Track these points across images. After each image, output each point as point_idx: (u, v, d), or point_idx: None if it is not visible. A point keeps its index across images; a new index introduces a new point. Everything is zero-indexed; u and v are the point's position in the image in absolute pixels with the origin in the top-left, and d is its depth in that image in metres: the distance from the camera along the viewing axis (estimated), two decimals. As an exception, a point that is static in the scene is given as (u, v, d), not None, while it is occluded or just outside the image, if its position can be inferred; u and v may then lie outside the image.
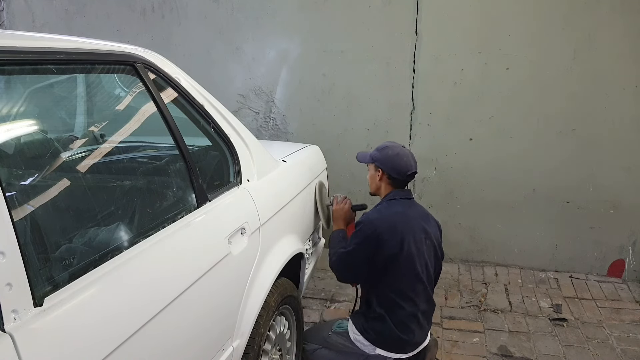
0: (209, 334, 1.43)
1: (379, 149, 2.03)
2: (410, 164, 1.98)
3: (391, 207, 1.96)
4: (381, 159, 2.00)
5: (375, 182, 2.04)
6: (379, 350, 1.94)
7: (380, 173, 2.00)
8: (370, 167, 2.07)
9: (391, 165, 1.98)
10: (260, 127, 3.68)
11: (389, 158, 1.98)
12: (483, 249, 3.48)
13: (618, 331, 2.67)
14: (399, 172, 1.97)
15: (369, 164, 2.09)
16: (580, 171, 3.18)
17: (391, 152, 1.98)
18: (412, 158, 2.01)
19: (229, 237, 1.53)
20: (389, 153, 1.98)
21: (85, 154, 1.57)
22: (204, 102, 1.67)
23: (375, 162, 2.02)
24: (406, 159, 1.98)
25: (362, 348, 1.96)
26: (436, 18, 3.18)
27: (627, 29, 2.93)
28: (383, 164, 1.99)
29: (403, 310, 1.91)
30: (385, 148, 2.01)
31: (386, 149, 2.00)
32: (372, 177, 2.06)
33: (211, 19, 3.58)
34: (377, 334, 1.93)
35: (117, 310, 1.06)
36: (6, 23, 3.96)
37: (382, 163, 1.99)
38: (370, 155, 2.05)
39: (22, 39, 1.14)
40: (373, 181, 2.06)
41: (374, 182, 2.05)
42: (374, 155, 2.03)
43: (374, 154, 2.03)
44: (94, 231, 1.26)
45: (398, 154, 1.98)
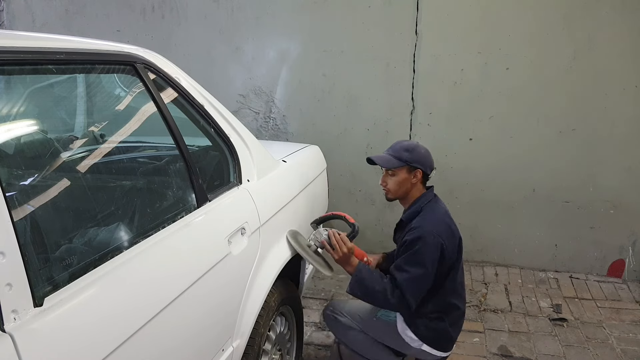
0: (209, 334, 1.43)
1: (407, 149, 1.84)
2: (431, 156, 1.90)
3: (435, 210, 1.83)
4: (419, 160, 1.82)
5: (407, 186, 1.86)
6: (425, 347, 1.86)
7: (417, 175, 1.84)
8: (398, 171, 1.85)
9: (430, 164, 1.85)
10: (260, 127, 3.68)
11: (424, 157, 1.84)
12: (483, 249, 3.48)
13: (618, 331, 2.67)
14: (430, 166, 1.87)
15: (394, 169, 1.86)
16: (580, 171, 3.18)
17: (423, 150, 1.85)
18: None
19: (229, 237, 1.53)
20: (422, 151, 1.84)
21: (85, 154, 1.57)
22: (204, 102, 1.67)
23: (411, 164, 1.83)
24: (429, 152, 1.90)
25: (409, 342, 1.87)
26: (436, 18, 3.18)
27: (627, 29, 2.93)
28: (422, 164, 1.83)
29: (458, 310, 1.88)
30: (416, 147, 1.85)
31: (417, 147, 1.85)
32: (402, 182, 1.85)
33: (211, 19, 3.58)
34: (430, 331, 1.84)
35: (117, 311, 1.06)
36: (6, 23, 3.96)
37: (422, 164, 1.83)
38: (400, 158, 1.84)
39: (22, 39, 1.14)
40: (403, 186, 1.86)
41: (404, 186, 1.86)
42: (407, 157, 1.82)
43: (406, 155, 1.82)
44: (94, 231, 1.26)
45: (428, 151, 1.87)
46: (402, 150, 1.84)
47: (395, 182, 1.86)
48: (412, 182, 1.84)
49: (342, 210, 2.09)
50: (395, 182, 1.86)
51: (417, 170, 1.83)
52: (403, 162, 1.83)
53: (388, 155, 1.88)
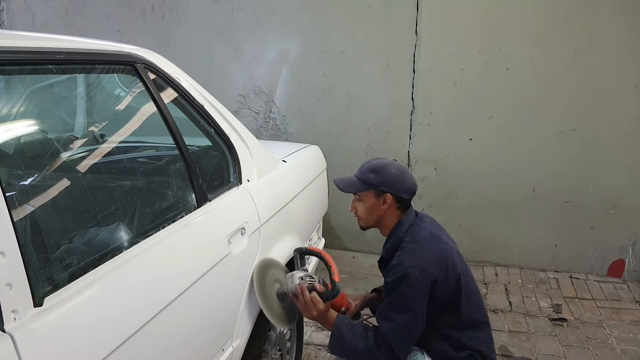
0: (209, 334, 1.43)
1: (374, 170, 1.58)
2: (411, 176, 1.62)
3: (418, 236, 1.55)
4: (387, 182, 1.56)
5: (378, 212, 1.60)
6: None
7: (387, 200, 1.57)
8: (364, 195, 1.60)
9: (402, 187, 1.56)
10: (260, 127, 3.68)
11: (395, 178, 1.56)
12: (483, 249, 3.48)
13: (618, 331, 2.67)
14: (410, 192, 1.59)
15: (362, 193, 1.61)
16: (580, 171, 3.18)
17: (395, 171, 1.57)
18: (408, 170, 1.68)
19: (229, 237, 1.53)
20: (393, 172, 1.56)
21: (85, 154, 1.57)
22: (204, 102, 1.67)
23: (378, 188, 1.56)
24: (409, 173, 1.62)
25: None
26: (436, 18, 3.18)
27: (627, 29, 2.93)
28: (391, 187, 1.56)
29: (487, 335, 1.63)
30: (384, 167, 1.58)
31: (386, 167, 1.57)
32: (371, 208, 1.60)
33: (211, 19, 3.58)
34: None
35: (117, 310, 1.06)
36: (6, 23, 3.96)
37: (390, 186, 1.56)
38: (365, 181, 1.58)
39: (22, 39, 1.14)
40: (373, 212, 1.61)
41: (375, 213, 1.60)
42: (372, 179, 1.57)
43: (372, 177, 1.57)
44: (94, 231, 1.26)
45: (402, 171, 1.59)
46: (368, 172, 1.59)
47: (364, 209, 1.62)
48: (382, 208, 1.58)
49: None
50: (364, 209, 1.62)
51: (386, 194, 1.56)
52: (367, 186, 1.57)
53: (353, 177, 1.63)
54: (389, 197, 1.57)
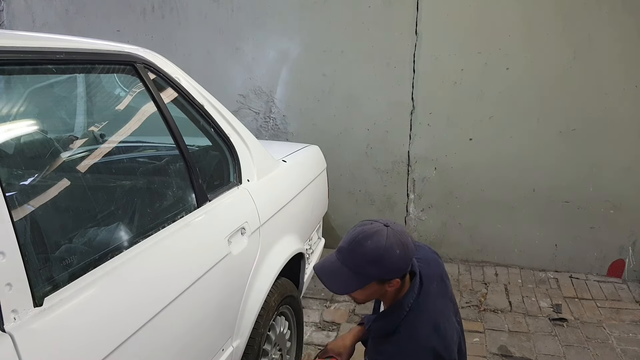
0: (209, 333, 1.43)
1: (375, 261, 1.24)
2: (409, 237, 1.31)
3: (418, 324, 1.31)
4: (392, 270, 1.26)
5: (381, 293, 1.33)
6: None
7: (395, 284, 1.29)
8: (366, 286, 1.29)
9: (407, 263, 1.28)
10: (260, 127, 3.68)
11: (401, 260, 1.25)
12: (483, 249, 3.48)
13: (618, 331, 2.67)
14: (409, 263, 1.30)
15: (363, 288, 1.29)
16: (580, 171, 3.18)
17: (399, 251, 1.24)
18: (402, 228, 1.32)
19: (229, 237, 1.53)
20: (397, 254, 1.24)
21: (85, 154, 1.57)
22: (204, 102, 1.67)
23: (382, 278, 1.27)
24: (409, 238, 1.30)
25: None
26: (436, 18, 3.18)
27: (627, 29, 2.93)
28: (398, 271, 1.27)
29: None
30: (385, 253, 1.23)
31: (388, 252, 1.23)
32: (373, 294, 1.33)
33: (211, 19, 3.58)
34: None
35: (117, 310, 1.06)
36: (6, 23, 3.96)
37: (397, 271, 1.27)
38: (365, 275, 1.26)
39: (22, 39, 1.14)
40: (375, 295, 1.35)
41: (378, 295, 1.35)
42: (375, 273, 1.26)
43: (374, 271, 1.25)
44: (94, 231, 1.26)
45: (404, 244, 1.25)
46: (366, 264, 1.24)
47: (363, 295, 1.33)
48: (388, 289, 1.31)
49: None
50: (363, 295, 1.33)
51: (393, 280, 1.28)
52: (369, 280, 1.27)
53: (344, 267, 1.27)
54: (397, 281, 1.29)
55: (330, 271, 1.30)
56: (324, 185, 2.68)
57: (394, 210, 3.55)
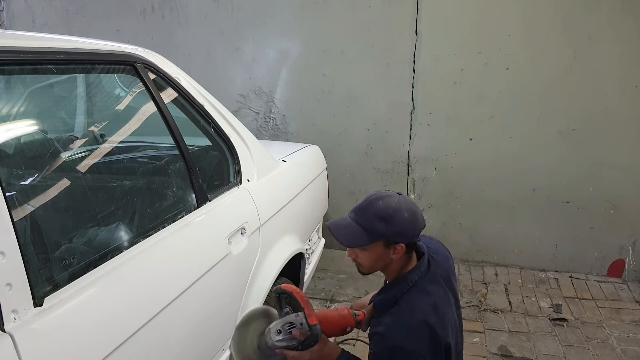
0: (209, 334, 1.43)
1: (384, 218, 1.28)
2: (419, 210, 1.34)
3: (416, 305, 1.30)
4: (401, 231, 1.29)
5: (385, 261, 1.34)
6: None
7: (399, 250, 1.31)
8: (372, 247, 1.32)
9: (415, 232, 1.31)
10: (260, 127, 3.68)
11: (409, 224, 1.29)
12: (483, 249, 3.48)
13: (618, 331, 2.67)
14: (419, 233, 1.33)
15: (369, 246, 1.32)
16: (580, 171, 3.18)
17: (408, 215, 1.28)
18: (413, 202, 1.36)
19: (229, 237, 1.53)
20: (405, 217, 1.28)
21: (85, 154, 1.57)
22: (204, 102, 1.67)
23: (388, 239, 1.30)
24: (419, 210, 1.34)
25: None
26: (436, 18, 3.18)
27: (627, 29, 2.93)
28: (405, 236, 1.30)
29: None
30: (395, 213, 1.28)
31: (397, 213, 1.28)
32: (378, 258, 1.34)
33: (211, 19, 3.58)
34: None
35: (117, 310, 1.06)
36: (6, 23, 3.96)
37: (404, 235, 1.30)
38: (373, 232, 1.30)
39: (22, 39, 1.14)
40: (380, 261, 1.35)
41: (382, 262, 1.35)
42: (383, 230, 1.28)
43: (382, 228, 1.28)
44: (94, 231, 1.26)
45: (413, 212, 1.31)
46: (375, 220, 1.30)
47: (369, 259, 1.35)
48: (393, 257, 1.32)
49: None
50: (368, 259, 1.35)
51: (398, 244, 1.30)
52: (376, 237, 1.30)
53: (354, 224, 1.33)
54: (402, 247, 1.30)
55: (342, 226, 1.36)
56: (324, 185, 2.68)
57: (394, 210, 3.55)
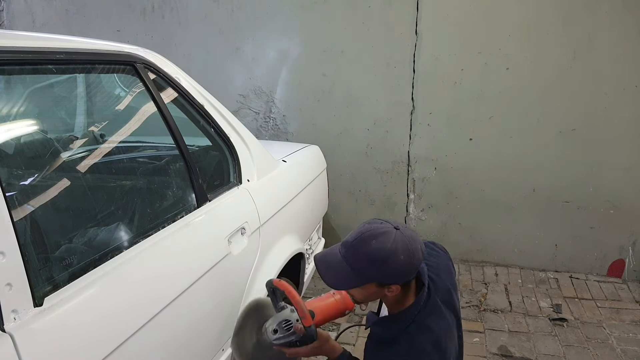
0: (209, 333, 1.43)
1: (376, 261, 1.15)
2: (419, 245, 1.19)
3: (416, 344, 1.20)
4: (394, 274, 1.17)
5: (379, 296, 1.25)
6: None
7: (394, 290, 1.20)
8: (365, 286, 1.21)
9: (411, 272, 1.19)
10: (260, 127, 3.68)
11: (404, 267, 1.16)
12: (483, 249, 3.48)
13: (618, 331, 2.67)
14: (416, 270, 1.20)
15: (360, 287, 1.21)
16: (580, 171, 3.18)
17: (404, 257, 1.14)
18: (413, 234, 1.20)
19: (229, 237, 1.53)
20: (401, 260, 1.14)
21: (85, 154, 1.57)
22: (204, 102, 1.67)
23: (381, 282, 1.19)
24: (419, 246, 1.18)
25: None
26: (436, 18, 3.18)
27: (627, 29, 2.93)
28: (400, 278, 1.19)
29: None
30: (389, 256, 1.13)
31: (391, 256, 1.13)
32: (372, 295, 1.25)
33: (211, 19, 3.58)
34: None
35: (117, 310, 1.06)
36: (6, 23, 3.96)
37: (398, 278, 1.18)
38: (364, 275, 1.18)
39: (22, 39, 1.14)
40: (373, 297, 1.26)
41: (376, 297, 1.27)
42: (375, 274, 1.17)
43: (373, 271, 1.17)
44: (94, 231, 1.26)
45: (411, 251, 1.15)
46: (367, 263, 1.16)
47: (361, 295, 1.25)
48: (388, 295, 1.22)
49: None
50: (360, 294, 1.25)
51: (392, 285, 1.19)
52: (368, 280, 1.19)
53: (344, 263, 1.19)
54: (397, 287, 1.20)
55: (330, 264, 1.22)
56: (324, 185, 2.68)
57: (394, 210, 3.55)
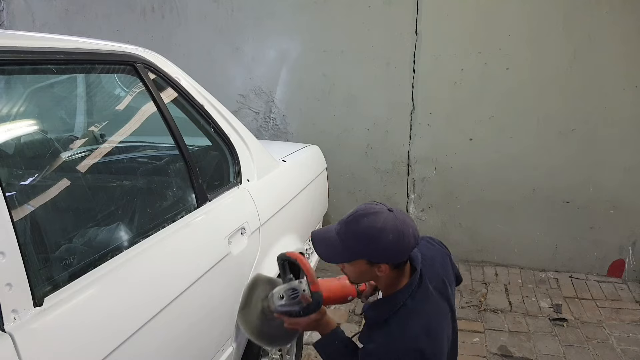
0: (209, 333, 1.43)
1: (365, 239, 1.20)
2: (412, 229, 1.21)
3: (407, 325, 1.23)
4: (384, 254, 1.21)
5: (371, 276, 1.28)
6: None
7: (384, 270, 1.23)
8: (355, 262, 1.25)
9: (402, 252, 1.22)
10: (260, 127, 3.68)
11: (393, 246, 1.19)
12: (483, 249, 3.48)
13: (618, 331, 2.67)
14: (406, 253, 1.24)
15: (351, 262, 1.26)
16: (580, 171, 3.18)
17: (392, 237, 1.18)
18: (407, 218, 1.24)
19: (229, 237, 1.53)
20: (390, 239, 1.17)
21: (85, 154, 1.57)
22: (204, 102, 1.67)
23: (370, 259, 1.23)
24: (410, 227, 1.21)
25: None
26: (436, 18, 3.18)
27: (628, 28, 2.93)
28: (389, 257, 1.22)
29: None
30: (379, 234, 1.18)
31: (381, 234, 1.18)
32: (363, 273, 1.27)
33: (211, 19, 3.58)
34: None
35: (117, 310, 1.06)
36: (6, 23, 3.96)
37: (387, 257, 1.22)
38: (354, 252, 1.23)
39: (22, 39, 1.14)
40: (366, 276, 1.29)
41: (368, 277, 1.29)
42: (364, 251, 1.22)
43: (362, 249, 1.21)
44: (94, 231, 1.26)
45: (400, 232, 1.18)
46: (357, 241, 1.21)
47: (354, 272, 1.29)
48: (378, 275, 1.25)
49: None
50: (353, 272, 1.29)
51: (381, 264, 1.23)
52: (356, 256, 1.24)
53: (337, 238, 1.25)
54: (386, 267, 1.23)
55: (324, 238, 1.29)
56: (324, 185, 2.68)
57: (394, 210, 3.55)
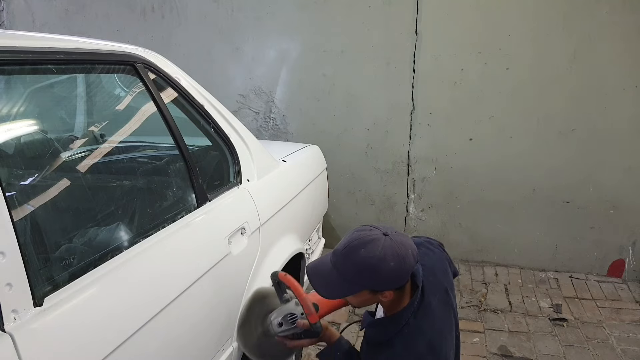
0: (209, 333, 1.43)
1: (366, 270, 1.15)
2: (410, 249, 1.18)
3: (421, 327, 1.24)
4: (385, 281, 1.17)
5: (374, 301, 1.25)
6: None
7: (388, 296, 1.20)
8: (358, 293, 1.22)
9: (403, 276, 1.19)
10: (260, 127, 3.68)
11: (395, 272, 1.15)
12: (483, 249, 3.48)
13: (618, 331, 2.67)
14: (408, 275, 1.20)
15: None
16: (580, 171, 3.18)
17: (394, 264, 1.14)
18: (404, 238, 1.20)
19: (229, 237, 1.53)
20: (391, 266, 1.14)
21: (85, 154, 1.57)
22: (204, 102, 1.67)
23: (373, 289, 1.19)
24: (410, 250, 1.18)
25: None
26: (436, 18, 3.18)
27: (628, 28, 2.93)
28: (392, 284, 1.19)
29: None
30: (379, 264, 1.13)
31: (382, 264, 1.13)
32: (366, 301, 1.24)
33: (211, 19, 3.58)
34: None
35: (117, 310, 1.06)
36: (6, 23, 3.96)
37: (390, 284, 1.18)
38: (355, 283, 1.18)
39: (22, 39, 1.14)
40: (368, 302, 1.26)
41: (371, 302, 1.26)
42: (367, 282, 1.18)
43: (365, 280, 1.17)
44: (94, 231, 1.26)
45: (401, 257, 1.15)
46: (356, 272, 1.16)
47: (356, 301, 1.25)
48: (382, 299, 1.22)
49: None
50: (355, 300, 1.25)
51: (385, 292, 1.19)
52: (359, 288, 1.19)
53: (335, 272, 1.20)
54: (390, 293, 1.20)
55: (322, 274, 1.23)
56: (324, 185, 2.68)
57: (394, 210, 3.55)
